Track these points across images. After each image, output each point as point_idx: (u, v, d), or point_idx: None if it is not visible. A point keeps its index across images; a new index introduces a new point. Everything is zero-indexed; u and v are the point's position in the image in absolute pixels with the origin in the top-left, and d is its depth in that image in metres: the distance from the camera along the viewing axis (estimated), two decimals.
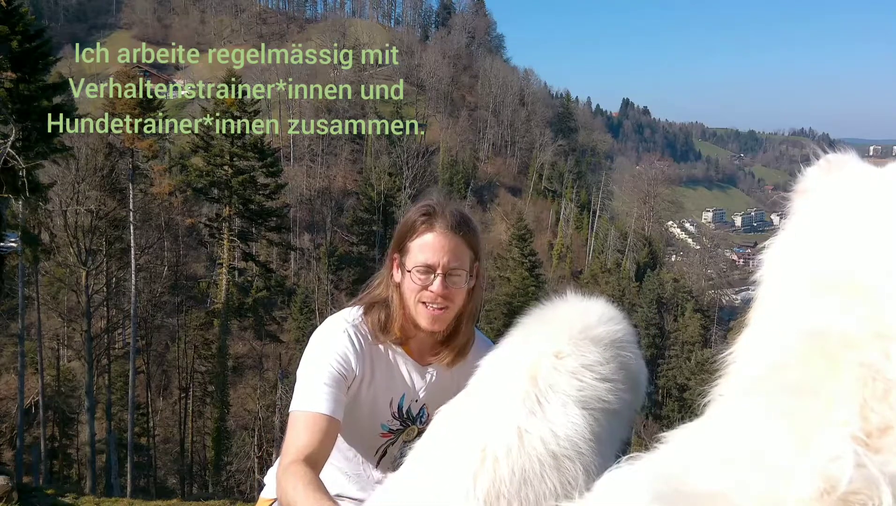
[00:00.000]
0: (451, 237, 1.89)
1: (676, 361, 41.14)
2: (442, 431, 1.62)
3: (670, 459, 0.81)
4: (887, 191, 0.93)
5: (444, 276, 1.87)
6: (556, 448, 1.45)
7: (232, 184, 28.93)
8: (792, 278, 0.93)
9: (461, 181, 63.87)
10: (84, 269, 23.20)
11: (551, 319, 1.71)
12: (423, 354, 2.01)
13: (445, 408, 1.70)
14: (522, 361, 1.61)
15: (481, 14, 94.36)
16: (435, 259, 1.87)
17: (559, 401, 1.51)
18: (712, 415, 0.88)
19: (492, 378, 1.66)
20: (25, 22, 17.29)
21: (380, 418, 2.00)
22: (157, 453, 29.24)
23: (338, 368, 1.84)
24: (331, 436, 1.75)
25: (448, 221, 1.90)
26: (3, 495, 6.59)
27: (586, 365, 1.59)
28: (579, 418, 1.49)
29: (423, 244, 1.90)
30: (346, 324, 1.94)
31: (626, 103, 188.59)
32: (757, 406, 0.77)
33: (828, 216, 0.97)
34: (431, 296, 1.87)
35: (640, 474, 0.78)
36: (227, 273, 29.27)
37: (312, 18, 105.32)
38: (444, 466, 1.50)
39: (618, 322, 1.76)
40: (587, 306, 1.78)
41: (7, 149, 14.69)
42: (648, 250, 63.43)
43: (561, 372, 1.56)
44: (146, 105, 26.86)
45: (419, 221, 1.92)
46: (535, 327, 1.71)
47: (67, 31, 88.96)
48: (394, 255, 1.97)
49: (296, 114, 63.85)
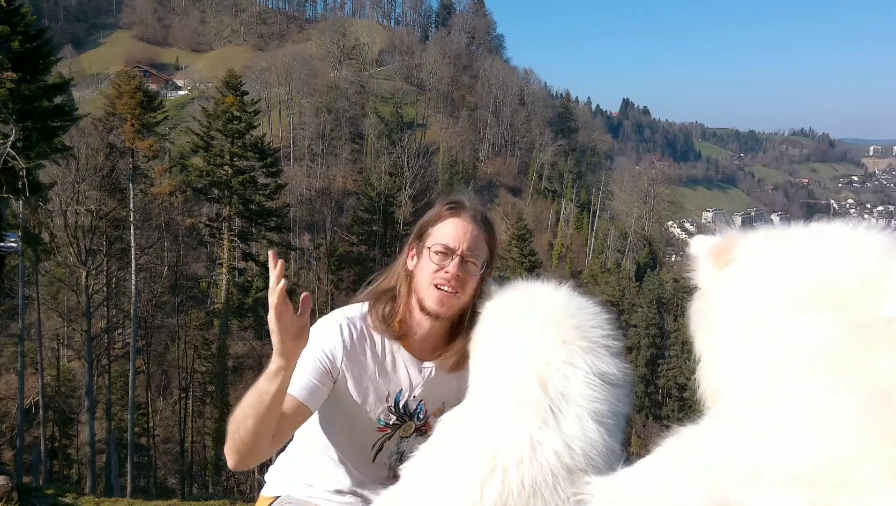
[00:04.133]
0: (473, 226, 1.94)
1: (676, 362, 41.11)
2: (448, 436, 1.59)
3: (722, 464, 0.77)
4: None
5: (462, 259, 1.90)
6: (571, 462, 1.42)
7: (232, 184, 28.92)
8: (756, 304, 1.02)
9: (461, 181, 63.86)
10: (84, 269, 23.19)
11: (556, 320, 1.66)
12: (422, 351, 2.01)
13: (451, 412, 1.68)
14: (532, 366, 1.57)
15: (481, 14, 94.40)
16: (455, 242, 1.91)
17: (574, 413, 1.49)
18: (750, 418, 0.85)
19: (499, 382, 1.61)
20: (26, 22, 17.29)
21: (377, 412, 2.00)
22: (157, 453, 29.23)
23: (322, 360, 1.87)
24: (296, 418, 1.78)
25: (473, 212, 1.97)
26: (3, 495, 6.60)
27: (599, 373, 1.56)
28: (595, 432, 1.47)
29: (445, 227, 1.94)
30: (341, 318, 1.96)
31: (626, 103, 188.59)
32: (833, 410, 0.72)
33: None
34: (446, 277, 1.90)
35: (696, 479, 0.75)
36: (227, 273, 29.27)
37: (312, 18, 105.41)
38: (450, 473, 1.47)
39: (613, 323, 1.73)
40: (586, 305, 1.74)
41: (7, 149, 14.68)
42: (648, 250, 63.43)
43: (572, 380, 1.53)
44: (146, 105, 26.88)
45: (445, 210, 1.98)
46: (540, 326, 1.66)
47: (67, 31, 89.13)
48: (412, 243, 2.01)
49: (296, 114, 63.88)
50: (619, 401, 1.57)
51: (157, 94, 33.46)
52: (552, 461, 1.42)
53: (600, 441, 1.46)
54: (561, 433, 1.45)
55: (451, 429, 1.60)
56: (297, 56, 70.26)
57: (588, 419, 1.48)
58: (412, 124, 68.56)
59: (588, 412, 1.49)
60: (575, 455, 1.43)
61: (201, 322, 30.74)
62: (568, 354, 1.57)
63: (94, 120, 28.19)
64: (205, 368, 30.77)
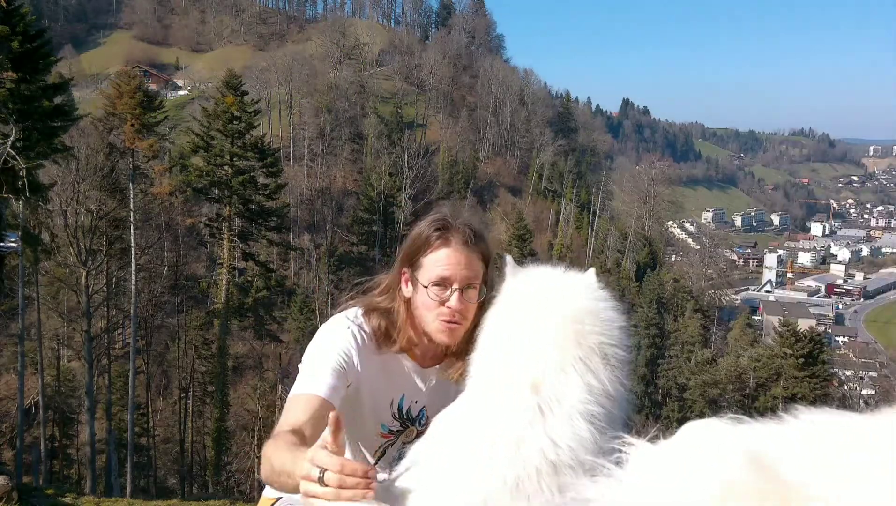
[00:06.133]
0: (466, 252, 1.88)
1: (676, 362, 41.12)
2: (437, 436, 1.57)
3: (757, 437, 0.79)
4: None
5: (461, 291, 1.87)
6: (556, 458, 1.40)
7: (232, 184, 28.92)
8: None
9: (461, 181, 63.87)
10: (84, 269, 23.18)
11: (558, 323, 1.61)
12: (425, 358, 2.00)
13: (443, 412, 1.67)
14: (525, 366, 1.54)
15: (481, 14, 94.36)
16: (452, 274, 1.86)
17: (565, 413, 1.46)
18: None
19: (492, 380, 1.59)
20: (26, 22, 17.29)
21: (380, 417, 2.00)
22: (157, 453, 29.22)
23: (340, 361, 1.82)
24: (324, 418, 1.67)
25: (463, 235, 1.90)
26: (3, 495, 6.60)
27: (590, 383, 1.52)
28: (586, 431, 1.45)
29: (439, 260, 1.88)
30: (349, 322, 1.93)
31: (626, 103, 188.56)
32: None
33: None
34: (448, 313, 1.87)
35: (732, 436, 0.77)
36: (227, 273, 29.26)
37: (312, 18, 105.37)
38: (436, 473, 1.46)
39: (620, 319, 1.67)
40: (597, 309, 1.66)
41: (7, 149, 14.68)
42: (648, 250, 63.45)
43: (565, 385, 1.51)
44: (146, 105, 26.87)
45: (434, 237, 1.90)
46: (536, 323, 1.62)
47: (67, 31, 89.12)
48: (404, 269, 1.95)
49: (296, 114, 63.89)
50: (613, 407, 1.53)
51: (157, 94, 33.47)
52: (536, 458, 1.40)
53: (590, 439, 1.44)
54: (547, 431, 1.44)
55: (441, 429, 1.59)
56: (297, 56, 70.26)
57: (579, 419, 1.46)
58: (412, 124, 68.55)
59: (580, 413, 1.47)
60: (560, 451, 1.41)
61: (201, 322, 30.73)
62: (562, 358, 1.54)
63: (94, 120, 28.19)
64: (205, 369, 30.76)
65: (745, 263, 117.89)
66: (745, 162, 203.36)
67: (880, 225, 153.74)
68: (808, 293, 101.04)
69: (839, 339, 70.98)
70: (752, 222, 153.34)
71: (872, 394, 33.85)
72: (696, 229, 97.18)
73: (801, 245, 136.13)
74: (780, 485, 0.68)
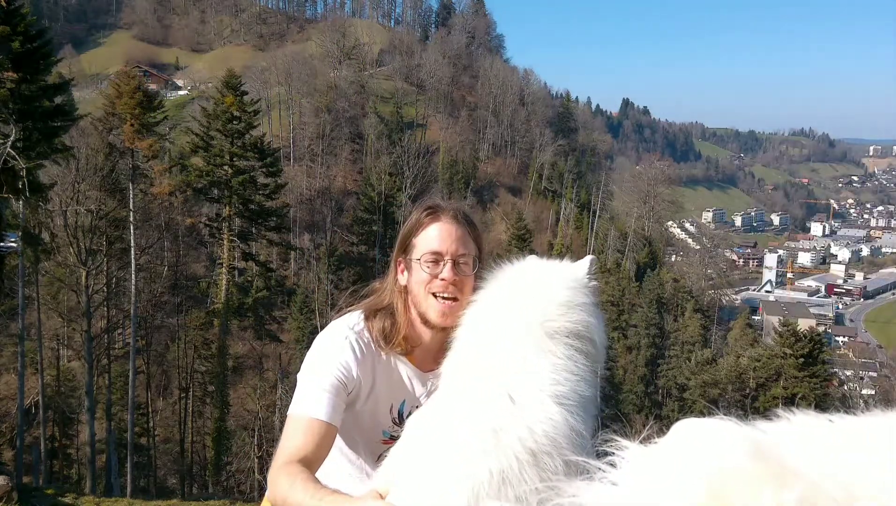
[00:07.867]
0: (457, 226, 1.92)
1: (676, 362, 41.09)
2: (415, 435, 1.58)
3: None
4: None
5: (454, 262, 1.89)
6: (534, 446, 1.42)
7: (232, 184, 28.92)
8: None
9: (461, 181, 63.85)
10: (84, 269, 23.17)
11: (520, 310, 1.67)
12: (424, 362, 2.00)
13: (419, 410, 1.70)
14: (494, 360, 1.59)
15: (481, 14, 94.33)
16: (443, 246, 1.89)
17: (534, 397, 1.50)
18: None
19: (465, 374, 1.64)
20: (26, 22, 17.29)
21: (381, 424, 2.00)
22: (157, 453, 29.21)
23: (338, 375, 1.83)
24: (327, 442, 1.74)
25: (453, 212, 1.95)
26: (3, 495, 6.60)
27: (559, 365, 1.57)
28: (558, 415, 1.48)
29: (430, 234, 1.92)
30: (348, 331, 1.92)
31: (626, 103, 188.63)
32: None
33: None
34: (442, 285, 1.88)
35: (734, 429, 0.78)
36: (227, 273, 29.26)
37: (312, 18, 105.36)
38: (419, 472, 1.46)
39: (584, 295, 1.72)
40: (552, 285, 1.72)
41: (7, 149, 14.68)
42: (648, 250, 63.45)
43: (532, 373, 1.55)
44: (146, 105, 26.87)
45: (424, 216, 1.95)
46: (506, 314, 1.68)
47: (67, 31, 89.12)
48: (398, 258, 1.97)
49: (296, 114, 63.87)
50: (583, 389, 1.57)
51: (156, 94, 33.45)
52: (516, 447, 1.42)
53: (563, 422, 1.47)
54: (523, 418, 1.46)
55: (419, 427, 1.60)
56: (297, 56, 70.22)
57: (550, 403, 1.49)
58: (412, 124, 68.54)
59: (548, 395, 1.50)
60: (538, 438, 1.43)
61: (201, 322, 30.71)
62: (530, 344, 1.59)
63: (94, 120, 28.20)
64: (205, 368, 30.75)
65: (745, 263, 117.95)
66: (745, 162, 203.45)
67: (880, 225, 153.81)
68: (808, 293, 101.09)
69: (839, 339, 71.04)
70: (752, 222, 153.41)
71: (872, 394, 33.84)
72: (696, 229, 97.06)
73: (801, 245, 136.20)
74: (777, 467, 0.68)
